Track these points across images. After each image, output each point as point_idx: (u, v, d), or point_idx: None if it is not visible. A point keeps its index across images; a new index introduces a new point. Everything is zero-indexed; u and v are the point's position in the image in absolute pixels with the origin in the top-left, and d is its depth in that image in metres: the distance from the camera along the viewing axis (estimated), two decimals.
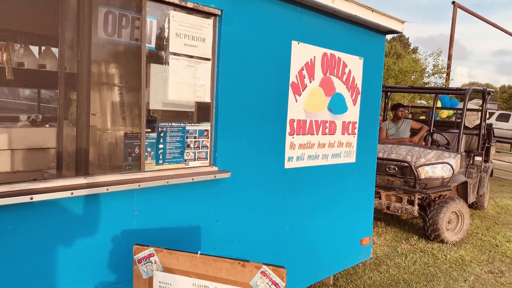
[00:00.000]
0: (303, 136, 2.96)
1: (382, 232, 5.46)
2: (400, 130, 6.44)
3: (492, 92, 6.50)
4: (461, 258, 4.67)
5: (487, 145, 6.73)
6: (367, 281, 3.99)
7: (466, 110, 6.03)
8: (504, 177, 10.45)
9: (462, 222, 5.23)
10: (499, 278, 4.19)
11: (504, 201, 7.64)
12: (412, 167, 5.11)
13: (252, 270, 1.62)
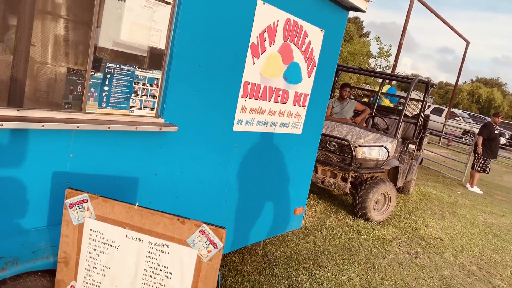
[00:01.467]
0: (256, 101, 2.91)
1: (313, 204, 5.64)
2: (344, 110, 6.60)
3: (435, 85, 6.80)
4: (383, 236, 4.95)
5: (421, 135, 7.09)
6: (294, 249, 4.13)
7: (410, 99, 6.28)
8: (430, 167, 11.17)
9: (388, 203, 5.53)
10: (414, 259, 4.50)
11: (427, 189, 8.17)
12: (351, 146, 5.26)
13: (191, 227, 1.58)
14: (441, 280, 4.08)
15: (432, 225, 5.81)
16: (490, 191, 9.75)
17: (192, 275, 1.61)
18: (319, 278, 3.62)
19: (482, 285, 4.18)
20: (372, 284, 3.72)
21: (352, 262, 4.07)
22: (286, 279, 3.49)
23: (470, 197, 8.39)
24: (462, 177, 10.24)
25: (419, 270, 4.23)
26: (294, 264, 3.79)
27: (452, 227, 5.91)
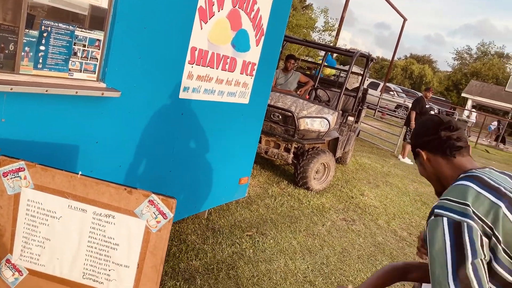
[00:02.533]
0: (203, 68, 2.83)
1: (256, 174, 5.70)
2: (288, 81, 6.64)
3: (374, 59, 7.01)
4: (322, 205, 5.14)
5: (360, 107, 7.33)
6: (238, 217, 4.17)
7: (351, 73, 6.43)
8: (366, 139, 11.66)
9: (327, 173, 5.72)
10: (350, 225, 4.73)
11: (363, 160, 8.55)
12: (295, 117, 5.34)
13: (139, 197, 1.52)
14: (375, 245, 4.33)
15: (367, 193, 6.11)
16: None
17: (140, 246, 1.56)
18: (262, 245, 3.70)
19: (411, 249, 4.49)
20: (312, 249, 3.86)
21: (293, 229, 4.19)
22: (230, 247, 3.53)
23: (401, 168, 8.90)
24: (395, 149, 10.81)
25: (355, 236, 4.45)
26: (238, 232, 3.83)
27: (385, 196, 6.26)
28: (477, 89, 34.18)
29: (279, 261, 3.50)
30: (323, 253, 3.85)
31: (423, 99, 10.08)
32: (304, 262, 3.58)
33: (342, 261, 3.79)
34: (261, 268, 3.32)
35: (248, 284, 3.06)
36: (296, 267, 3.46)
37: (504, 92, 27.84)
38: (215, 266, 3.19)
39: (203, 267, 3.16)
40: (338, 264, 3.71)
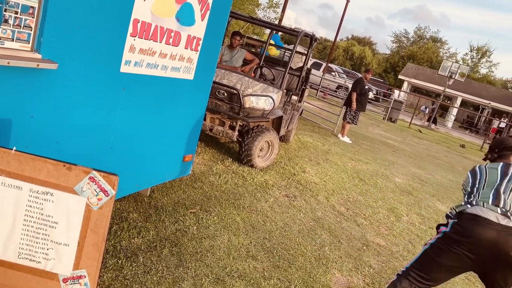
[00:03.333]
0: (146, 41, 2.73)
1: (201, 151, 5.67)
2: (234, 58, 6.61)
3: (318, 39, 7.12)
4: (265, 182, 5.24)
5: (303, 87, 7.47)
6: (182, 195, 4.15)
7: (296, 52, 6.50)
8: (308, 118, 11.94)
9: (271, 151, 5.81)
10: (292, 202, 4.87)
11: (305, 138, 8.76)
12: (240, 95, 5.34)
13: (79, 174, 1.47)
14: (315, 220, 4.51)
15: (308, 171, 6.29)
16: (357, 140, 10.83)
17: (80, 224, 1.52)
18: (206, 222, 3.72)
19: (348, 223, 4.72)
20: (255, 225, 3.94)
21: (237, 206, 4.25)
22: (174, 225, 3.52)
23: (341, 146, 9.23)
24: (335, 128, 11.17)
25: (296, 211, 4.59)
26: (181, 210, 3.82)
27: (325, 173, 6.48)
28: (413, 72, 35.90)
29: (222, 237, 3.55)
30: (266, 228, 3.95)
31: (363, 80, 10.44)
32: (247, 238, 3.65)
33: (284, 235, 3.91)
34: (205, 244, 3.35)
35: (191, 260, 3.08)
36: (239, 243, 3.53)
37: (437, 76, 29.47)
38: (158, 244, 3.17)
39: (146, 244, 3.13)
40: (280, 238, 3.82)
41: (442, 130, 24.67)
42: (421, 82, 34.52)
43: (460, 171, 11.24)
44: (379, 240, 4.50)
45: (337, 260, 3.72)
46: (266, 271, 3.22)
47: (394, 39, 60.21)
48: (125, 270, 2.77)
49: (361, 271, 3.66)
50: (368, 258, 3.94)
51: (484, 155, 3.07)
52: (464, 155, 15.59)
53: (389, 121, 19.89)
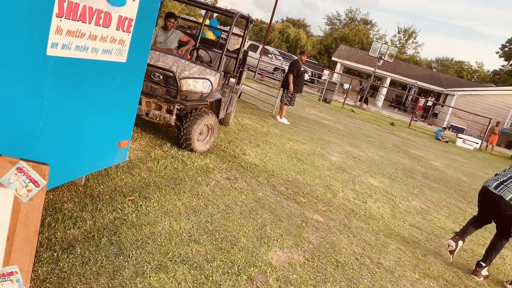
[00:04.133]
0: (74, 22, 2.58)
1: (137, 137, 5.52)
2: (169, 40, 6.43)
3: (254, 21, 7.11)
4: (206, 165, 5.21)
5: (241, 69, 7.45)
6: (119, 182, 4.03)
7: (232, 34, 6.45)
8: (247, 100, 11.98)
9: (211, 134, 5.78)
10: (233, 184, 4.89)
11: (245, 121, 8.80)
12: (176, 78, 5.22)
13: (4, 165, 1.37)
14: (256, 201, 4.57)
15: (249, 153, 6.35)
16: (295, 121, 11.06)
17: (8, 218, 1.42)
18: (145, 209, 3.65)
19: (288, 202, 4.84)
20: (196, 209, 3.93)
21: (178, 191, 4.20)
22: (111, 213, 3.42)
23: (279, 127, 9.39)
24: (273, 110, 11.32)
25: (238, 193, 4.63)
26: (119, 198, 3.71)
27: (265, 154, 6.58)
28: (345, 53, 37.06)
29: (163, 223, 3.50)
30: (208, 211, 3.95)
31: (299, 62, 10.62)
32: (189, 222, 3.64)
33: (226, 218, 3.94)
34: (145, 232, 3.29)
35: (132, 248, 3.02)
36: (181, 228, 3.50)
37: (368, 57, 30.64)
38: (95, 233, 3.07)
39: (83, 235, 3.02)
40: (222, 221, 3.85)
41: (373, 109, 25.85)
42: (353, 63, 35.77)
43: (390, 147, 11.88)
44: (317, 216, 4.67)
45: (278, 238, 3.81)
46: (209, 254, 3.23)
47: (327, 21, 61.72)
48: (62, 262, 2.66)
49: (301, 247, 3.79)
50: (307, 234, 4.08)
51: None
52: (394, 133, 16.47)
53: (324, 102, 20.48)
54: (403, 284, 3.66)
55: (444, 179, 9.29)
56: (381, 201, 5.97)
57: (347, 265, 3.69)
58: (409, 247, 4.57)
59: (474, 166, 13.28)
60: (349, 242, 4.21)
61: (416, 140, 16.09)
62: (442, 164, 11.60)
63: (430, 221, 5.72)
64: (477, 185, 9.63)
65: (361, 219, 5.01)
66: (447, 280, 4.02)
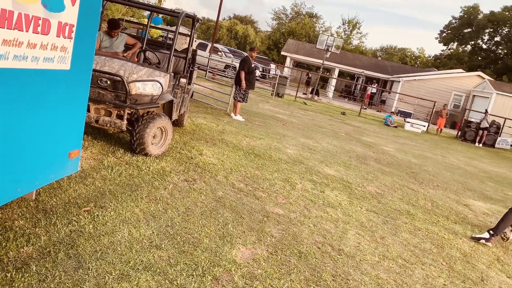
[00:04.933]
0: (10, 31, 2.46)
1: (88, 145, 5.35)
2: (114, 44, 6.27)
3: (201, 19, 7.06)
4: (162, 169, 5.14)
5: (191, 69, 7.39)
6: (72, 194, 3.90)
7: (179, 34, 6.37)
8: (200, 100, 11.90)
9: (165, 137, 5.70)
10: (192, 185, 4.86)
11: (199, 120, 8.74)
12: (125, 81, 5.11)
13: None
14: (216, 200, 4.56)
15: (205, 152, 6.32)
16: (250, 118, 11.11)
17: None
18: (102, 219, 3.55)
19: (249, 198, 4.87)
20: (155, 214, 3.87)
21: (135, 198, 4.12)
22: (67, 226, 3.30)
23: (235, 125, 9.40)
24: (227, 107, 11.31)
25: (197, 194, 4.61)
26: (74, 210, 3.59)
27: (222, 153, 6.57)
28: (293, 47, 37.56)
29: (122, 231, 3.42)
30: (167, 216, 3.90)
31: (249, 58, 10.67)
32: (148, 228, 3.58)
33: (187, 220, 3.90)
34: (104, 242, 3.21)
35: (91, 260, 2.93)
36: (141, 234, 3.44)
37: (315, 49, 31.20)
38: (51, 249, 2.96)
39: (38, 252, 2.90)
40: (183, 223, 3.81)
41: (324, 101, 26.42)
42: (302, 56, 36.33)
43: (343, 136, 12.20)
44: (278, 209, 4.73)
45: (240, 235, 3.83)
46: (172, 258, 3.20)
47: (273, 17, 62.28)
48: (16, 282, 2.54)
49: (264, 241, 3.83)
50: (269, 229, 4.13)
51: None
52: (345, 122, 16.92)
53: (277, 96, 20.70)
54: (364, 268, 3.79)
55: (396, 162, 9.67)
56: (338, 189, 6.13)
57: (309, 254, 3.77)
58: (367, 231, 4.73)
59: (422, 148, 13.90)
60: (310, 232, 4.30)
61: (367, 127, 16.61)
62: (393, 149, 12.06)
63: (385, 204, 5.94)
64: (427, 167, 10.11)
65: (320, 208, 5.12)
66: (405, 259, 4.20)
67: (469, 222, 6.01)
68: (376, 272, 3.75)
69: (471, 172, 10.93)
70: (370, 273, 3.70)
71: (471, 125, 20.49)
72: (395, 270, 3.89)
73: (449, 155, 13.82)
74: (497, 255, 4.98)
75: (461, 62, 49.01)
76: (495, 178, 10.76)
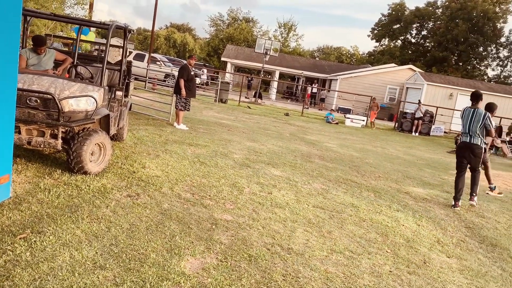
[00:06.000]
0: None
1: (22, 169, 5.07)
2: (43, 61, 5.99)
3: (133, 30, 6.92)
4: (103, 186, 4.97)
5: (127, 81, 7.21)
6: (6, 221, 3.68)
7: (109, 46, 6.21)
8: (140, 112, 11.63)
9: (104, 153, 5.51)
10: (135, 200, 4.73)
11: (140, 133, 8.55)
12: (56, 99, 4.90)
13: None
14: (162, 213, 4.48)
15: (149, 165, 6.18)
16: (194, 126, 11.02)
17: None
18: (40, 245, 3.37)
19: (196, 207, 4.82)
20: (98, 234, 3.73)
21: (75, 219, 3.95)
22: (1, 257, 3.10)
23: (178, 134, 9.28)
24: (169, 117, 11.15)
25: (142, 209, 4.49)
26: (8, 239, 3.38)
27: (166, 164, 6.46)
28: (233, 53, 37.74)
29: (63, 255, 3.27)
30: (111, 234, 3.77)
31: (188, 66, 10.60)
32: (91, 249, 3.44)
33: (132, 236, 3.79)
34: (43, 268, 3.04)
35: None
36: (83, 256, 3.30)
37: (255, 53, 31.53)
38: None
39: None
40: (128, 240, 3.70)
41: (268, 103, 26.75)
42: (242, 61, 36.58)
43: (287, 137, 12.42)
44: (226, 216, 4.72)
45: (189, 246, 3.78)
46: (118, 277, 3.10)
47: (211, 23, 62.23)
48: None
49: (213, 249, 3.80)
50: (218, 236, 4.11)
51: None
52: (289, 122, 17.24)
53: (221, 102, 20.70)
54: (313, 263, 3.87)
55: (339, 158, 9.97)
56: (285, 189, 6.23)
57: (259, 257, 3.79)
58: (315, 227, 4.83)
59: (363, 142, 14.45)
60: (259, 235, 4.32)
61: (310, 126, 17.02)
62: (336, 145, 12.43)
63: (330, 199, 6.11)
64: (368, 159, 10.51)
65: (268, 209, 5.17)
66: (352, 251, 4.33)
67: (410, 209, 6.32)
68: (325, 267, 3.84)
69: (410, 161, 11.51)
70: (319, 269, 3.78)
71: (407, 116, 21.59)
72: (343, 263, 4.01)
73: (388, 146, 14.47)
74: (437, 237, 5.27)
75: (393, 57, 51.49)
76: (432, 164, 11.40)
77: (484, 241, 5.41)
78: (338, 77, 30.65)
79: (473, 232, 5.70)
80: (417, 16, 53.40)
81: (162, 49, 54.78)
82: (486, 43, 49.93)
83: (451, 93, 25.77)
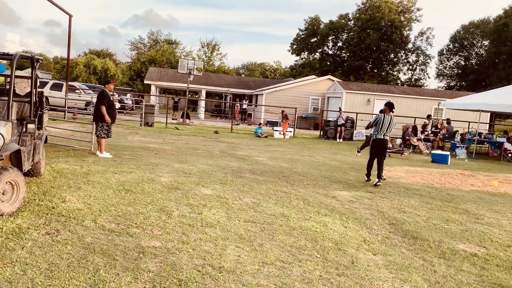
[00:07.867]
0: None
1: None
2: None
3: (40, 59, 6.59)
4: (18, 227, 4.62)
5: (40, 112, 6.83)
6: None
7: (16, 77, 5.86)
8: (59, 143, 11.04)
9: (17, 191, 5.15)
10: (55, 237, 4.45)
11: (60, 165, 8.09)
12: None
13: None
14: (85, 248, 4.25)
15: (69, 199, 5.86)
16: (118, 153, 10.66)
17: None
18: None
19: (121, 237, 4.63)
20: (12, 279, 3.45)
21: None
22: None
23: (101, 163, 8.91)
24: (91, 146, 10.69)
25: (62, 246, 4.23)
26: None
27: (89, 195, 6.16)
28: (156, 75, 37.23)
29: None
30: (27, 277, 3.50)
31: (107, 92, 10.27)
32: None
33: (51, 277, 3.55)
34: None
35: None
36: None
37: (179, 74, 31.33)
38: None
39: None
40: (46, 281, 3.45)
41: (197, 123, 26.62)
42: (166, 83, 36.18)
43: (217, 154, 12.41)
44: (154, 242, 4.58)
45: (114, 279, 3.61)
46: None
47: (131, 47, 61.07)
48: None
49: (140, 279, 3.66)
50: (145, 264, 3.97)
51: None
52: (219, 140, 17.26)
53: (147, 126, 20.24)
54: (245, 279, 3.86)
55: (269, 170, 10.14)
56: (216, 207, 6.19)
57: (189, 280, 3.71)
58: (246, 242, 4.85)
59: (291, 152, 14.83)
60: (189, 257, 4.24)
61: (240, 142, 17.17)
62: (265, 158, 12.64)
63: (261, 212, 6.17)
64: (297, 169, 10.80)
65: (199, 230, 5.11)
66: (283, 261, 4.39)
67: (337, 212, 6.56)
68: (256, 281, 3.85)
69: (336, 166, 11.99)
70: (251, 283, 3.78)
71: (330, 124, 22.55)
72: (275, 274, 4.05)
73: (315, 154, 14.98)
74: (364, 236, 5.51)
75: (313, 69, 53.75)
76: (356, 167, 11.95)
77: (407, 235, 5.74)
78: (263, 91, 31.33)
79: (396, 228, 6.04)
80: (331, 29, 56.36)
81: (82, 77, 52.64)
82: (396, 50, 53.93)
83: (368, 99, 27.35)
